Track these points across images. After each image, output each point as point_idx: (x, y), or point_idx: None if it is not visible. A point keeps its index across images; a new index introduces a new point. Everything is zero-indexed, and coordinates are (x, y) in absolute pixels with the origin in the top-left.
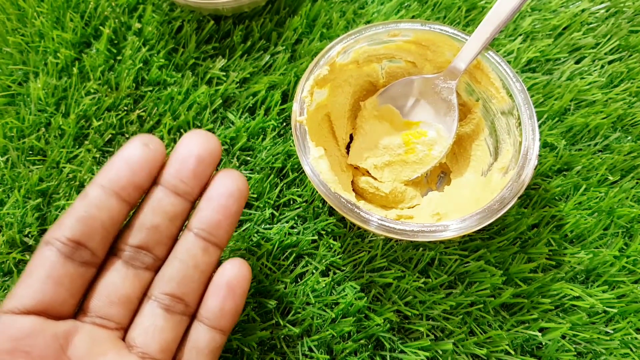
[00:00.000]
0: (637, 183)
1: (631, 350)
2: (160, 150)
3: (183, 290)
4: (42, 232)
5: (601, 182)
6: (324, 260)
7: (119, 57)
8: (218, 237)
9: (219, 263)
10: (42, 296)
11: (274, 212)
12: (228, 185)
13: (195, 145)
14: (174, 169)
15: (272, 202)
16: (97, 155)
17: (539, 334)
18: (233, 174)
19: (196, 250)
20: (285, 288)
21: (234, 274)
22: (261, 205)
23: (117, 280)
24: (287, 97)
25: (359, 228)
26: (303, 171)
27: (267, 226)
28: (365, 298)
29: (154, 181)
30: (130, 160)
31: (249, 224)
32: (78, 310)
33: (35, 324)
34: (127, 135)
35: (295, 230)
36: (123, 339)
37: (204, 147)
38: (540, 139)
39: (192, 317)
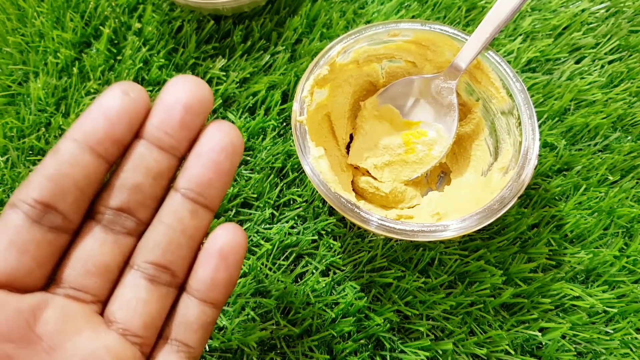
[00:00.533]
0: (637, 183)
1: (631, 350)
2: (143, 99)
3: (169, 259)
4: None
5: (601, 182)
6: (324, 260)
7: (119, 57)
8: (209, 198)
9: (210, 228)
10: (4, 266)
11: (274, 212)
12: (220, 139)
13: (182, 91)
14: (158, 120)
15: (272, 202)
16: None
17: (539, 334)
18: (226, 125)
19: (184, 212)
20: (285, 288)
21: (227, 240)
22: (261, 205)
23: (94, 247)
24: (287, 97)
25: (359, 228)
26: (303, 171)
27: (267, 226)
28: (365, 298)
29: (136, 135)
30: (108, 111)
31: (249, 224)
32: (49, 281)
33: None
34: None
35: (295, 230)
36: (101, 313)
37: (193, 94)
38: (540, 139)
39: (180, 288)
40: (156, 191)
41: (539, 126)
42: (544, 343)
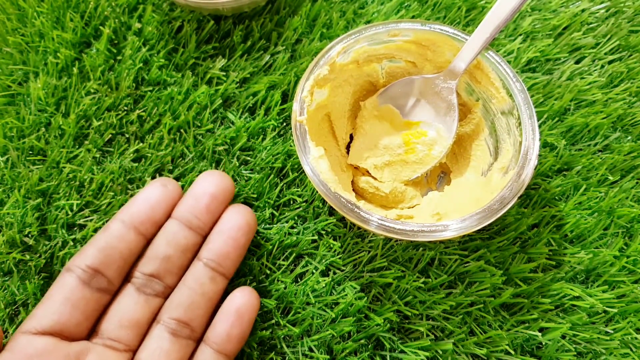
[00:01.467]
0: (637, 183)
1: (631, 350)
2: (176, 190)
3: (190, 316)
4: (42, 232)
5: (601, 182)
6: (324, 260)
7: (119, 57)
8: (225, 268)
9: (225, 292)
10: (58, 318)
11: (274, 212)
12: (238, 220)
13: (210, 183)
14: (189, 205)
15: (272, 202)
16: (97, 155)
17: (539, 334)
18: (243, 209)
19: (204, 279)
20: (285, 288)
21: (244, 301)
22: (261, 205)
23: (128, 305)
24: (287, 97)
25: (359, 228)
26: (303, 171)
27: (267, 226)
28: (365, 298)
29: (169, 216)
30: (149, 199)
31: None
32: (91, 332)
33: (49, 344)
34: (127, 135)
35: (295, 230)
36: None
37: (218, 186)
38: (540, 139)
39: (198, 342)
40: (183, 262)
41: (539, 126)
42: (544, 343)
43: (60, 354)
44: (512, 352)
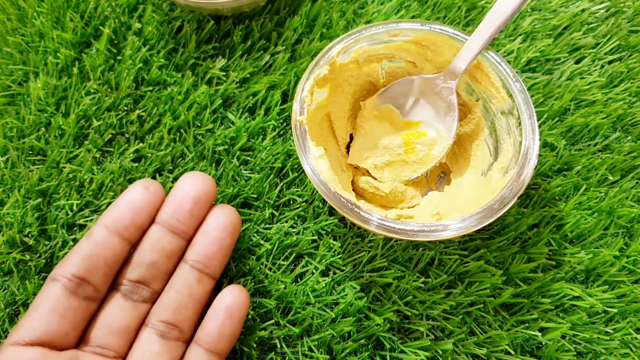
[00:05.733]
0: (637, 183)
1: (631, 350)
2: (159, 193)
3: (178, 318)
4: (42, 232)
5: (601, 182)
6: (324, 260)
7: (119, 57)
8: (212, 268)
9: (212, 292)
10: (46, 329)
11: (274, 212)
12: (222, 220)
13: (192, 187)
14: (172, 210)
15: (272, 202)
16: (97, 155)
17: (539, 334)
18: (227, 209)
19: (191, 280)
20: (285, 288)
21: (233, 299)
22: (261, 205)
23: (116, 313)
24: (287, 97)
25: (359, 228)
26: (303, 171)
27: (267, 226)
28: (365, 298)
29: (153, 220)
30: (132, 203)
31: (249, 224)
32: (80, 341)
33: (39, 355)
34: (127, 135)
35: (295, 230)
36: None
37: (200, 189)
38: (540, 139)
39: (188, 343)
40: (168, 267)
41: (539, 126)
42: (544, 343)
43: None
44: (512, 352)
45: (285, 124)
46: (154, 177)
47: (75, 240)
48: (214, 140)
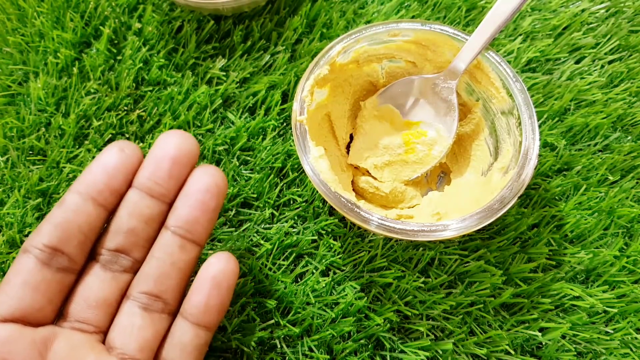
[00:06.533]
0: (637, 183)
1: (631, 350)
2: (136, 154)
3: (161, 288)
4: None
5: (601, 182)
6: (324, 260)
7: (119, 57)
8: (196, 234)
9: (200, 260)
10: (19, 304)
11: (274, 212)
12: (205, 181)
13: (171, 145)
14: (149, 171)
15: (272, 202)
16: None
17: (539, 334)
18: (210, 169)
19: (173, 248)
20: (285, 288)
21: (220, 268)
22: (261, 205)
23: (95, 284)
24: (287, 97)
25: (359, 228)
26: (303, 171)
27: (267, 226)
28: (365, 298)
29: (130, 184)
30: (106, 166)
31: (249, 224)
32: (58, 315)
33: (14, 332)
34: (127, 135)
35: (295, 230)
36: (103, 341)
37: (180, 148)
38: (540, 139)
39: (174, 315)
40: (149, 233)
41: (539, 126)
42: (544, 343)
43: (25, 340)
44: (512, 352)
45: (285, 124)
46: None
47: None
48: (214, 140)
